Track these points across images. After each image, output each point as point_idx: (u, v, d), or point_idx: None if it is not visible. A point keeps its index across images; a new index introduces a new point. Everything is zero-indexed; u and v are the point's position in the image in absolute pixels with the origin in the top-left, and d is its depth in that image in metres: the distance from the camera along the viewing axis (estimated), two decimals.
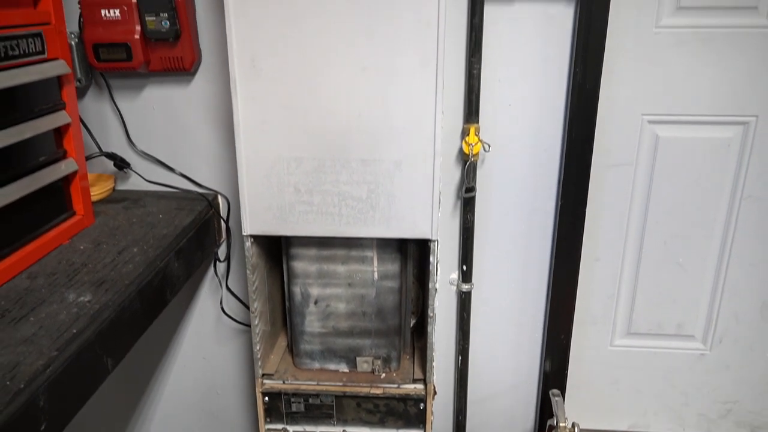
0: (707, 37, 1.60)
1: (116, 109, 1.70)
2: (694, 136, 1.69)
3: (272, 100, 1.40)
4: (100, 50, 1.55)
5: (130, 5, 1.51)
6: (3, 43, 1.16)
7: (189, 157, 1.74)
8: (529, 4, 1.55)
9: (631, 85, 1.65)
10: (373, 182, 1.44)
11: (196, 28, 1.60)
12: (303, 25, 1.33)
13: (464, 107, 1.63)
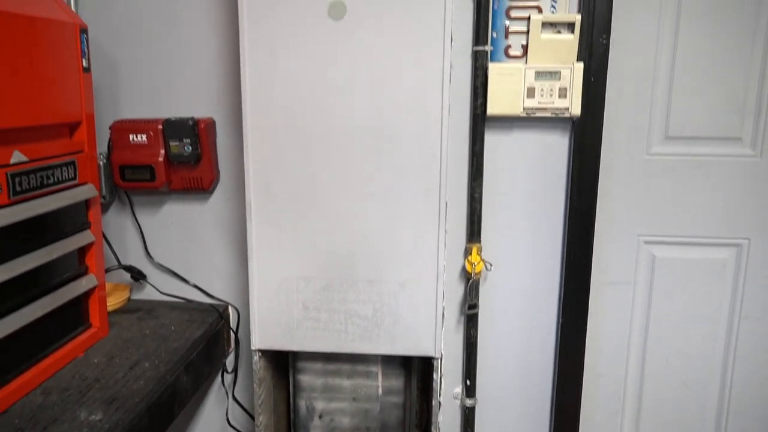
0: (696, 165, 1.69)
1: (136, 224, 1.79)
2: (690, 257, 1.75)
3: (284, 222, 1.48)
4: (126, 171, 1.66)
5: (156, 131, 1.63)
6: (40, 173, 1.27)
7: (202, 269, 1.81)
8: (527, 133, 1.66)
9: (626, 207, 1.73)
10: (378, 301, 1.49)
11: (215, 151, 1.72)
12: (314, 154, 1.44)
13: (467, 227, 1.71)
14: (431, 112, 1.42)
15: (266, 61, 1.42)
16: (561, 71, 1.56)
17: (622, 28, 1.63)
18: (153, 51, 1.70)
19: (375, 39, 1.39)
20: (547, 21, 1.56)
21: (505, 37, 1.60)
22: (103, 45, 1.70)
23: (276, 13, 1.39)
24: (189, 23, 1.67)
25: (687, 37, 1.63)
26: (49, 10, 1.33)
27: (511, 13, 1.59)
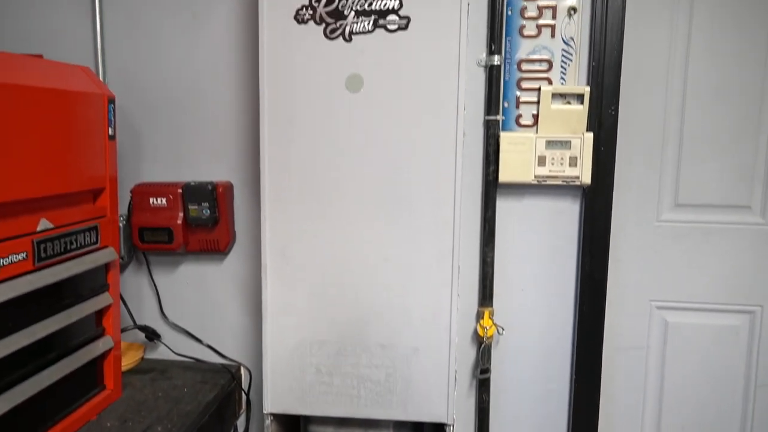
0: (706, 232, 1.71)
1: (153, 284, 1.82)
2: (703, 323, 1.75)
3: (299, 286, 1.51)
4: (145, 233, 1.69)
5: (176, 194, 1.68)
6: (64, 239, 1.30)
7: (216, 329, 1.83)
8: (538, 199, 1.69)
9: (638, 272, 1.74)
10: (391, 366, 1.50)
11: (232, 214, 1.76)
12: (330, 220, 1.47)
13: (479, 291, 1.72)
14: (444, 179, 1.46)
15: (285, 129, 1.47)
16: (571, 141, 1.60)
17: (631, 99, 1.67)
18: (175, 116, 1.76)
19: (390, 110, 1.44)
20: (557, 92, 1.61)
21: (516, 107, 1.65)
22: (126, 110, 1.77)
23: (295, 84, 1.45)
24: (211, 92, 1.74)
25: (694, 107, 1.67)
26: (80, 83, 1.39)
27: (522, 84, 1.64)
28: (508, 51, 1.63)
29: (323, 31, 1.42)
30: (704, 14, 1.64)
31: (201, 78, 1.74)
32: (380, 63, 1.42)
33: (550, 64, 1.62)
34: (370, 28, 1.41)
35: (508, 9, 1.61)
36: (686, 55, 1.66)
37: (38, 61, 1.33)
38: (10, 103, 1.14)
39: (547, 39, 1.62)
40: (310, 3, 1.42)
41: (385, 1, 1.40)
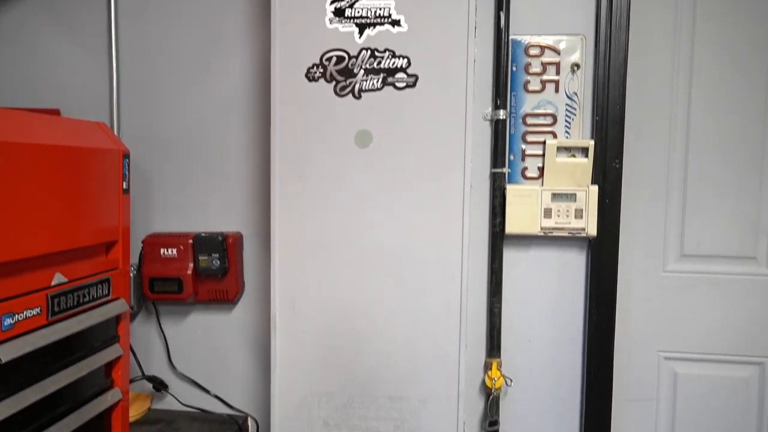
0: (713, 282, 1.72)
1: (161, 333, 1.83)
2: (712, 374, 1.74)
3: (307, 338, 1.51)
4: (155, 283, 1.71)
5: (186, 245, 1.70)
6: (77, 293, 1.32)
7: (224, 379, 1.83)
8: (545, 250, 1.70)
9: (645, 323, 1.75)
10: (399, 419, 1.49)
11: (242, 265, 1.78)
12: (339, 272, 1.49)
13: (486, 342, 1.72)
14: (452, 231, 1.48)
15: (295, 183, 1.50)
16: (576, 193, 1.62)
17: (634, 152, 1.70)
18: (186, 166, 1.80)
19: (399, 165, 1.47)
20: (561, 146, 1.64)
21: (522, 160, 1.68)
22: (139, 160, 1.80)
23: (306, 139, 1.48)
24: (222, 142, 1.78)
25: (697, 158, 1.70)
26: (96, 139, 1.43)
27: (527, 138, 1.67)
28: (514, 105, 1.67)
29: (333, 89, 1.47)
30: (704, 68, 1.68)
31: (213, 128, 1.78)
32: (389, 119, 1.46)
33: (555, 118, 1.66)
34: (379, 86, 1.45)
35: (512, 65, 1.65)
36: (688, 108, 1.70)
37: (55, 119, 1.37)
38: (28, 162, 1.18)
39: (552, 94, 1.66)
40: (320, 61, 1.46)
41: (394, 60, 1.45)
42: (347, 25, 1.45)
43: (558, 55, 1.65)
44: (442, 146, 1.47)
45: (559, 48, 1.64)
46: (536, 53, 1.65)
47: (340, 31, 1.45)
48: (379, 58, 1.45)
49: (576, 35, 1.64)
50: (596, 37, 1.63)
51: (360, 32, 1.45)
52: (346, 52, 1.46)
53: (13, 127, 1.17)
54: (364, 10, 1.44)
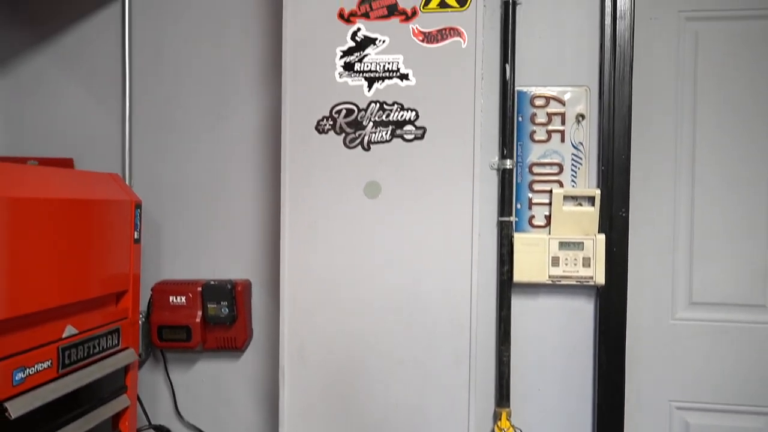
0: (722, 330, 1.71)
1: (169, 382, 1.82)
2: (724, 425, 1.72)
3: (316, 389, 1.51)
4: (164, 331, 1.71)
5: (195, 293, 1.71)
6: (88, 344, 1.32)
7: (231, 428, 1.81)
8: (553, 298, 1.70)
9: (655, 372, 1.73)
10: None
11: (250, 312, 1.78)
12: (348, 322, 1.49)
13: (496, 391, 1.71)
14: (460, 279, 1.48)
15: (305, 233, 1.51)
16: (584, 242, 1.63)
17: (640, 200, 1.72)
18: (196, 213, 1.82)
19: (407, 215, 1.48)
20: (568, 194, 1.66)
21: (529, 208, 1.69)
22: (150, 209, 1.83)
23: (316, 189, 1.50)
24: (232, 190, 1.80)
25: (703, 206, 1.71)
26: (109, 190, 1.46)
27: (534, 186, 1.69)
28: (520, 155, 1.69)
29: (343, 141, 1.49)
30: (707, 113, 1.70)
31: (223, 177, 1.81)
32: (397, 170, 1.48)
33: (561, 168, 1.68)
34: (387, 138, 1.48)
35: (518, 116, 1.68)
36: (693, 154, 1.72)
37: (69, 172, 1.39)
38: (42, 217, 1.20)
39: (557, 143, 1.68)
40: (330, 114, 1.49)
41: (402, 113, 1.47)
42: (356, 78, 1.48)
43: (563, 105, 1.67)
44: (450, 195, 1.48)
45: (564, 99, 1.67)
46: (541, 104, 1.68)
47: (349, 85, 1.49)
48: (388, 111, 1.48)
49: (580, 87, 1.67)
50: (600, 88, 1.66)
51: (369, 86, 1.48)
52: (356, 105, 1.49)
53: (27, 182, 1.19)
54: (373, 65, 1.48)
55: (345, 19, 1.49)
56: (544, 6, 1.69)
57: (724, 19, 1.70)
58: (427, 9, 1.47)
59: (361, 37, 1.48)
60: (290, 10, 1.51)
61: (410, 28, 1.47)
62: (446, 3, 1.46)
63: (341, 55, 1.49)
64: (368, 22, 1.48)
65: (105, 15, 1.84)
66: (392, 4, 1.47)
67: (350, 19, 1.49)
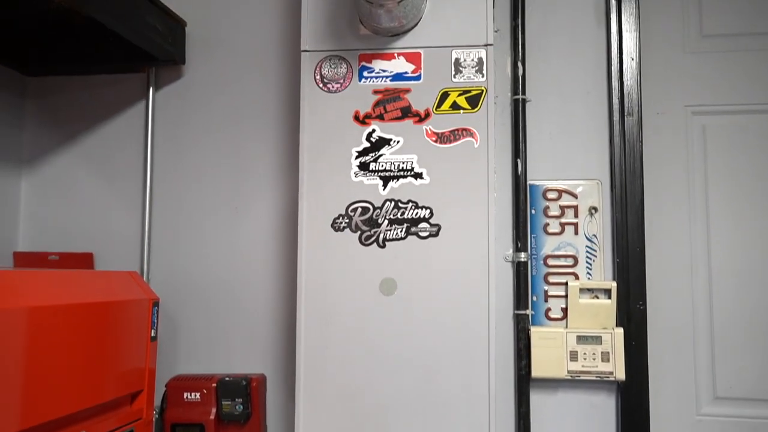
0: (751, 427, 1.66)
1: None
2: None
3: None
4: (177, 429, 1.69)
5: (210, 389, 1.69)
6: None
7: None
8: (573, 393, 1.67)
9: None
10: None
11: (264, 409, 1.76)
12: (365, 421, 1.47)
13: None
14: (477, 375, 1.46)
15: (321, 330, 1.51)
16: (602, 336, 1.61)
17: (658, 293, 1.71)
18: (212, 307, 1.83)
19: (423, 311, 1.48)
20: (584, 287, 1.65)
21: (545, 301, 1.69)
22: (166, 304, 1.84)
23: (332, 286, 1.51)
24: (248, 284, 1.82)
25: (722, 296, 1.70)
26: (128, 289, 1.47)
27: (549, 279, 1.69)
28: (534, 247, 1.70)
29: (359, 238, 1.51)
30: (720, 204, 1.72)
31: (239, 271, 1.82)
32: (413, 267, 1.49)
33: (576, 260, 1.68)
34: (402, 235, 1.50)
35: (531, 208, 1.71)
36: (707, 245, 1.72)
37: (87, 274, 1.41)
38: (59, 323, 1.21)
39: (571, 236, 1.69)
40: (346, 212, 1.52)
41: (417, 211, 1.50)
42: (372, 178, 1.52)
43: (575, 198, 1.70)
44: (466, 290, 1.48)
45: (576, 192, 1.70)
46: (554, 197, 1.70)
47: (365, 184, 1.52)
48: (403, 209, 1.50)
49: (592, 180, 1.70)
50: (612, 181, 1.69)
51: (384, 185, 1.51)
52: (371, 204, 1.52)
53: (45, 288, 1.21)
54: (387, 164, 1.52)
55: (360, 120, 1.54)
56: (554, 103, 1.74)
57: (729, 113, 1.74)
58: (440, 110, 1.52)
59: (375, 138, 1.53)
60: (307, 111, 1.56)
61: (423, 129, 1.52)
62: (458, 105, 1.51)
63: (357, 155, 1.53)
64: (383, 124, 1.53)
65: (128, 114, 1.92)
66: (406, 106, 1.53)
67: (365, 121, 1.54)
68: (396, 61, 1.55)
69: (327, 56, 1.57)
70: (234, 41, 1.89)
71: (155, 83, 1.90)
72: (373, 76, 1.55)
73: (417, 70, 1.54)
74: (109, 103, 1.93)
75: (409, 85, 1.54)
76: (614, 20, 1.71)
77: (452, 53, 1.53)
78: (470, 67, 1.52)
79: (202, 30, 1.90)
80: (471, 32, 1.53)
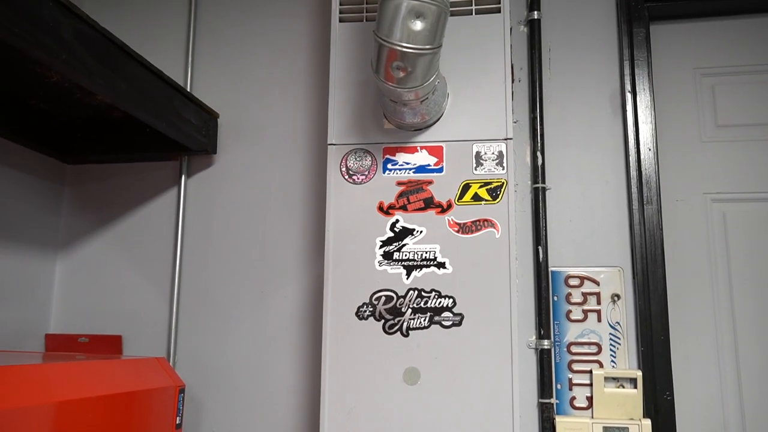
0: None
1: None
2: None
3: None
4: None
5: None
6: None
7: None
8: None
9: None
10: None
11: None
12: None
13: None
14: None
15: (344, 420, 1.51)
16: (629, 427, 1.58)
17: (684, 383, 1.69)
18: (237, 397, 1.84)
19: (447, 401, 1.48)
20: (609, 376, 1.64)
21: (569, 389, 1.67)
22: (191, 390, 1.85)
23: (356, 374, 1.52)
24: (271, 372, 1.83)
25: (751, 387, 1.67)
26: (155, 377, 1.50)
27: (573, 366, 1.68)
28: (557, 334, 1.70)
29: (382, 327, 1.53)
30: (744, 289, 1.72)
31: (264, 354, 1.84)
32: (436, 356, 1.50)
33: (600, 347, 1.68)
34: (426, 324, 1.52)
35: (554, 295, 1.72)
36: (734, 333, 1.71)
37: (115, 363, 1.44)
38: (87, 415, 1.23)
39: (594, 323, 1.69)
40: (370, 301, 1.55)
41: (440, 300, 1.52)
42: (395, 267, 1.55)
43: (597, 285, 1.71)
44: (490, 379, 1.48)
45: (598, 279, 1.71)
46: (576, 284, 1.72)
47: (388, 273, 1.55)
48: (426, 298, 1.53)
49: (613, 267, 1.71)
50: (633, 269, 1.70)
51: (407, 274, 1.55)
52: (395, 293, 1.54)
53: (73, 380, 1.24)
54: (411, 254, 1.55)
55: (384, 211, 1.59)
56: (573, 191, 1.77)
57: (748, 200, 1.76)
58: (462, 202, 1.56)
59: (399, 228, 1.57)
60: (333, 201, 1.61)
61: (446, 219, 1.56)
62: (479, 196, 1.56)
63: (381, 244, 1.57)
64: (406, 214, 1.58)
65: (161, 200, 1.99)
66: (428, 197, 1.57)
67: (389, 212, 1.58)
68: (419, 154, 1.61)
69: (353, 149, 1.63)
70: (263, 132, 1.97)
71: (187, 171, 1.99)
72: (396, 168, 1.60)
73: (439, 163, 1.59)
74: (143, 189, 2.01)
75: (432, 177, 1.59)
76: (630, 112, 1.76)
77: (473, 147, 1.59)
78: (491, 160, 1.58)
79: (233, 121, 2.00)
80: (491, 127, 1.59)
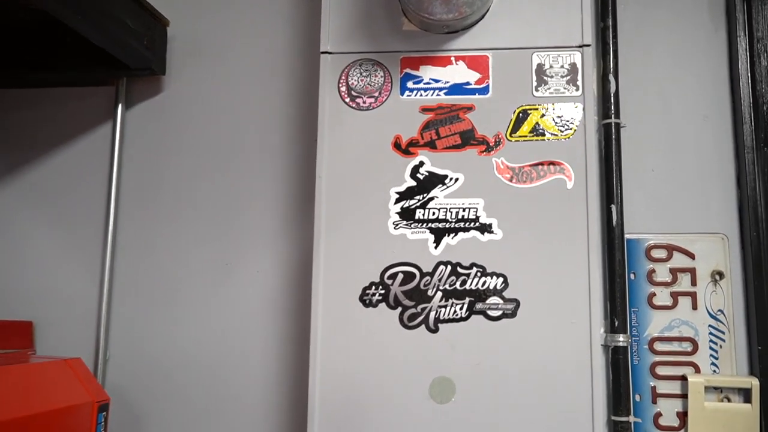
0: None
1: None
2: None
3: None
4: None
5: None
6: None
7: None
8: None
9: None
10: None
11: None
12: None
13: None
14: None
15: None
16: None
17: None
18: (188, 402, 1.36)
19: (494, 428, 1.02)
20: (710, 384, 1.18)
21: (652, 402, 1.21)
22: (127, 395, 1.37)
23: (360, 388, 1.05)
24: (238, 371, 1.35)
25: None
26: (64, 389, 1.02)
27: (657, 371, 1.22)
28: (635, 326, 1.24)
29: (399, 317, 1.05)
30: None
31: (229, 351, 1.36)
32: (479, 362, 1.03)
33: (695, 345, 1.22)
34: (464, 315, 1.04)
35: (630, 273, 1.25)
36: None
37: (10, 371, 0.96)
38: None
39: (688, 311, 1.23)
40: (381, 279, 1.06)
41: (485, 280, 1.04)
42: (418, 230, 1.07)
43: (692, 259, 1.24)
44: (557, 393, 1.02)
45: (693, 251, 1.24)
46: (661, 257, 1.25)
47: (408, 239, 1.07)
48: (464, 277, 1.05)
49: (715, 234, 1.24)
50: (742, 237, 1.24)
51: (436, 241, 1.06)
52: (418, 268, 1.06)
53: None
54: (441, 212, 1.07)
55: (402, 150, 1.09)
56: (657, 130, 1.30)
57: None
58: (516, 137, 1.08)
59: (424, 174, 1.08)
60: (328, 136, 1.12)
61: (493, 161, 1.07)
62: (543, 129, 1.07)
63: (397, 198, 1.08)
64: (434, 154, 1.08)
65: (89, 139, 1.48)
66: (467, 130, 1.08)
67: (410, 150, 1.09)
68: (453, 67, 1.11)
69: (357, 60, 1.14)
70: (230, 46, 1.46)
71: (126, 99, 1.47)
72: (420, 87, 1.11)
73: (483, 80, 1.10)
74: (64, 125, 1.49)
75: (473, 100, 1.10)
76: (741, 20, 1.28)
77: (533, 57, 1.10)
78: (559, 76, 1.09)
79: (189, 31, 1.47)
80: (559, 29, 1.11)
